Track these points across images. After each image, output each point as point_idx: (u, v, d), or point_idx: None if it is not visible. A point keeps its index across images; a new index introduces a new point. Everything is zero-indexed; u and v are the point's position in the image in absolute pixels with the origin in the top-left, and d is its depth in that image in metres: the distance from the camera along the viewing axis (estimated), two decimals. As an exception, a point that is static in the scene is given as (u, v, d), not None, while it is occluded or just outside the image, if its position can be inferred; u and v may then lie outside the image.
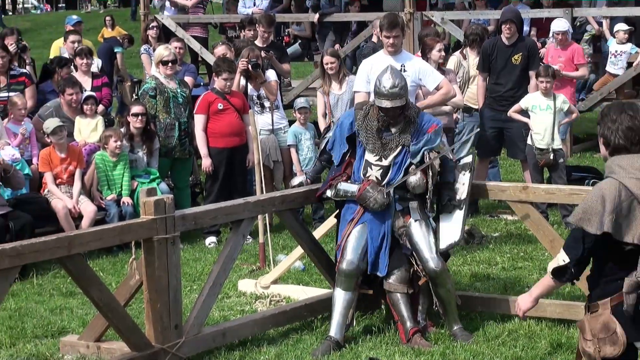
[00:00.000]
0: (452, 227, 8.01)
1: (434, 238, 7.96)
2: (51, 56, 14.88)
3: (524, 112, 11.78)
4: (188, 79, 12.92)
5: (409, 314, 7.94)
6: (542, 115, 11.62)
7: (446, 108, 11.63)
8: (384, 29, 9.56)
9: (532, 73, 12.07)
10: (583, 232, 5.04)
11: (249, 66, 11.69)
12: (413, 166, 7.96)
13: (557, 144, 11.61)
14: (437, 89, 9.94)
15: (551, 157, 11.53)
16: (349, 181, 8.10)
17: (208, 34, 18.86)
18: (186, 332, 7.43)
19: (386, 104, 7.88)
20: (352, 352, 7.62)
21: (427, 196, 7.97)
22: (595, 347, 5.07)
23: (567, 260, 5.12)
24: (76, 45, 13.53)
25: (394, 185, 7.91)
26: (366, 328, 8.20)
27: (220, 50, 12.87)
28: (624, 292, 4.98)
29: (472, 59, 12.70)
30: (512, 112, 11.88)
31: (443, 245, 7.97)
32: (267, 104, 11.92)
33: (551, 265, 5.22)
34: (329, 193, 8.22)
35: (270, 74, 12.09)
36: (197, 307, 7.66)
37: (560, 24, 14.02)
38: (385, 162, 7.98)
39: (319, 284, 9.22)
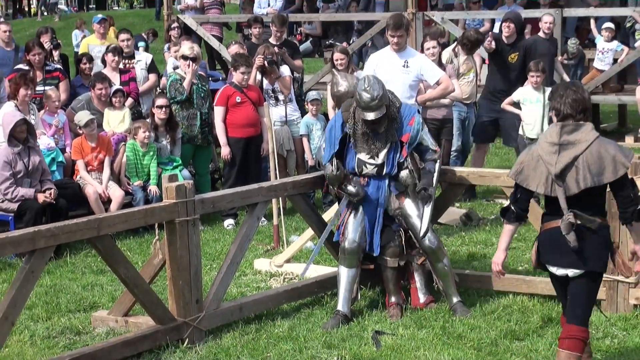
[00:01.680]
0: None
1: (429, 216, 7.91)
2: (81, 52, 14.86)
3: (517, 104, 11.73)
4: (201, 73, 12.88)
5: (395, 288, 8.00)
6: (532, 107, 11.56)
7: (445, 101, 11.61)
8: (390, 28, 9.57)
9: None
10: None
11: (265, 62, 11.69)
12: (406, 162, 7.87)
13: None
14: (438, 83, 9.91)
15: None
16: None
17: (223, 34, 18.88)
18: (206, 306, 7.44)
19: (369, 116, 7.69)
20: (359, 326, 7.61)
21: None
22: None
23: (508, 202, 6.22)
24: (125, 43, 13.49)
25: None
26: (372, 303, 8.19)
27: (234, 49, 12.85)
28: (565, 234, 5.89)
29: (462, 58, 12.53)
30: (505, 104, 11.84)
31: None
32: (281, 97, 11.90)
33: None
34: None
35: (285, 70, 12.06)
36: (216, 283, 7.67)
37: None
38: (378, 160, 7.87)
39: (329, 262, 9.20)
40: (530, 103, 11.55)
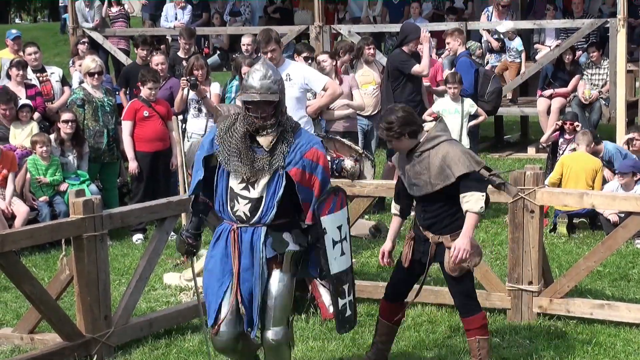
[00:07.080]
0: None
1: (290, 302, 6.18)
2: None
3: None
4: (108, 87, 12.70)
5: None
6: (450, 118, 11.65)
7: (349, 111, 11.51)
8: (261, 45, 9.33)
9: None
10: (479, 173, 6.34)
11: (189, 84, 11.57)
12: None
13: (465, 144, 11.57)
14: (324, 90, 9.77)
15: None
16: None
17: (130, 47, 18.73)
18: (115, 322, 7.36)
19: (254, 96, 5.83)
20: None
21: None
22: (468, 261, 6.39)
23: (484, 194, 6.32)
24: (32, 57, 13.20)
25: None
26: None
27: (159, 59, 12.72)
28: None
29: (359, 71, 12.51)
30: (425, 116, 11.90)
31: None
32: (204, 108, 11.66)
33: (474, 206, 6.27)
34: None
35: (214, 87, 11.91)
36: (125, 299, 7.60)
37: None
38: (254, 193, 5.89)
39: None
40: (448, 114, 11.66)
